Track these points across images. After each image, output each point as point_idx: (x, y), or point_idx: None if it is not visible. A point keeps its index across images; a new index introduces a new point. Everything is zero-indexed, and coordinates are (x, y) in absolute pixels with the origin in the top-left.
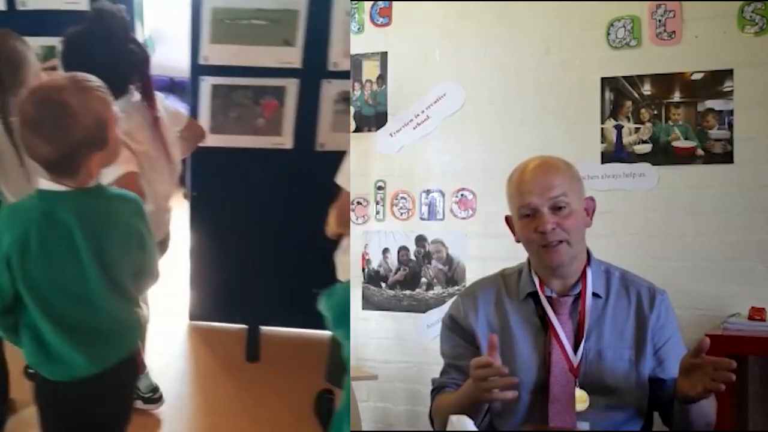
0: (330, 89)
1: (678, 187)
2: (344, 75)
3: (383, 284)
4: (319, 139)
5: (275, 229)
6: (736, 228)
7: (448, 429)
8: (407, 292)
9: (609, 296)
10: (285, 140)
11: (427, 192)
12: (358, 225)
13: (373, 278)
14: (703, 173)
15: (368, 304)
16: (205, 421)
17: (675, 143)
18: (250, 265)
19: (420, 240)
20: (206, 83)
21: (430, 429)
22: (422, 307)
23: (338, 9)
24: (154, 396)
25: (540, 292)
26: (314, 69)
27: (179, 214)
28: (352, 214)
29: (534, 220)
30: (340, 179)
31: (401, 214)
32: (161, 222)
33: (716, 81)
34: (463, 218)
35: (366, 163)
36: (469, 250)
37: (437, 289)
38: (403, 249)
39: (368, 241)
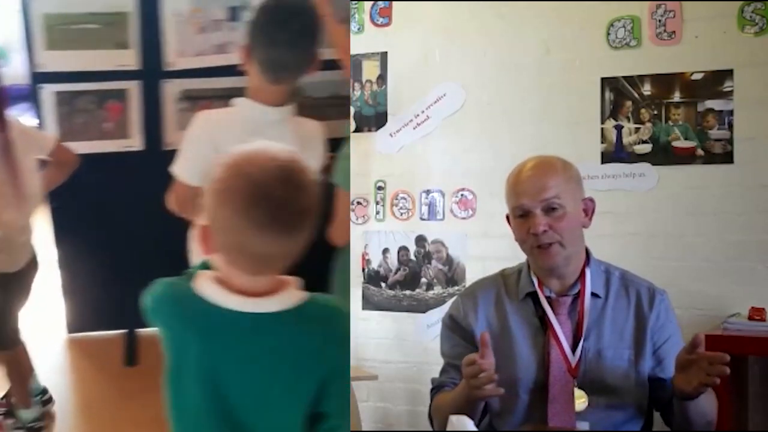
0: (171, 88)
1: (678, 187)
2: (182, 74)
3: (383, 284)
4: (166, 138)
5: (139, 229)
6: (736, 228)
7: (448, 429)
8: (407, 292)
9: (608, 296)
10: (134, 142)
11: (427, 192)
12: (358, 225)
13: (373, 278)
14: (703, 173)
15: (368, 304)
16: (88, 428)
17: (675, 143)
18: (118, 268)
19: (420, 240)
20: (47, 91)
21: (430, 429)
22: (422, 307)
23: (168, 10)
24: (36, 426)
25: (539, 292)
26: (152, 70)
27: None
28: (352, 214)
29: (527, 221)
30: (174, 168)
31: (401, 214)
32: (14, 249)
33: (716, 81)
34: (463, 218)
35: (366, 163)
36: (469, 250)
37: (437, 289)
38: (403, 249)
39: (368, 241)
